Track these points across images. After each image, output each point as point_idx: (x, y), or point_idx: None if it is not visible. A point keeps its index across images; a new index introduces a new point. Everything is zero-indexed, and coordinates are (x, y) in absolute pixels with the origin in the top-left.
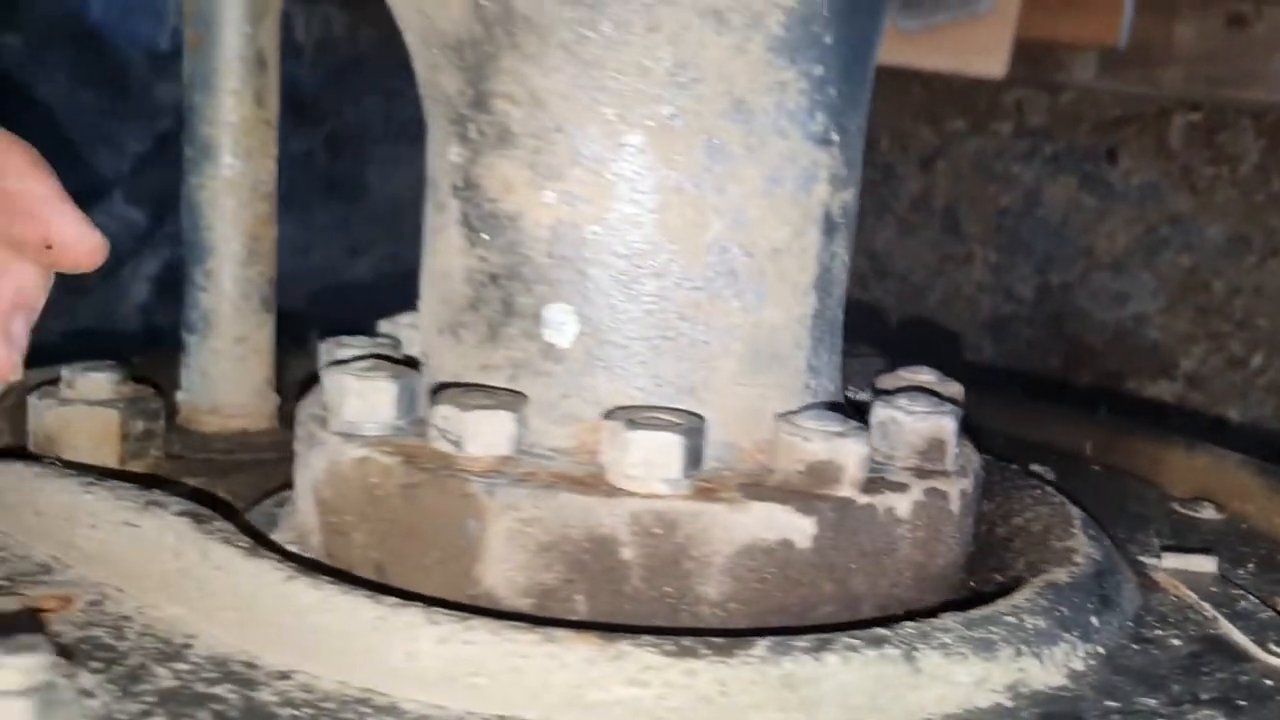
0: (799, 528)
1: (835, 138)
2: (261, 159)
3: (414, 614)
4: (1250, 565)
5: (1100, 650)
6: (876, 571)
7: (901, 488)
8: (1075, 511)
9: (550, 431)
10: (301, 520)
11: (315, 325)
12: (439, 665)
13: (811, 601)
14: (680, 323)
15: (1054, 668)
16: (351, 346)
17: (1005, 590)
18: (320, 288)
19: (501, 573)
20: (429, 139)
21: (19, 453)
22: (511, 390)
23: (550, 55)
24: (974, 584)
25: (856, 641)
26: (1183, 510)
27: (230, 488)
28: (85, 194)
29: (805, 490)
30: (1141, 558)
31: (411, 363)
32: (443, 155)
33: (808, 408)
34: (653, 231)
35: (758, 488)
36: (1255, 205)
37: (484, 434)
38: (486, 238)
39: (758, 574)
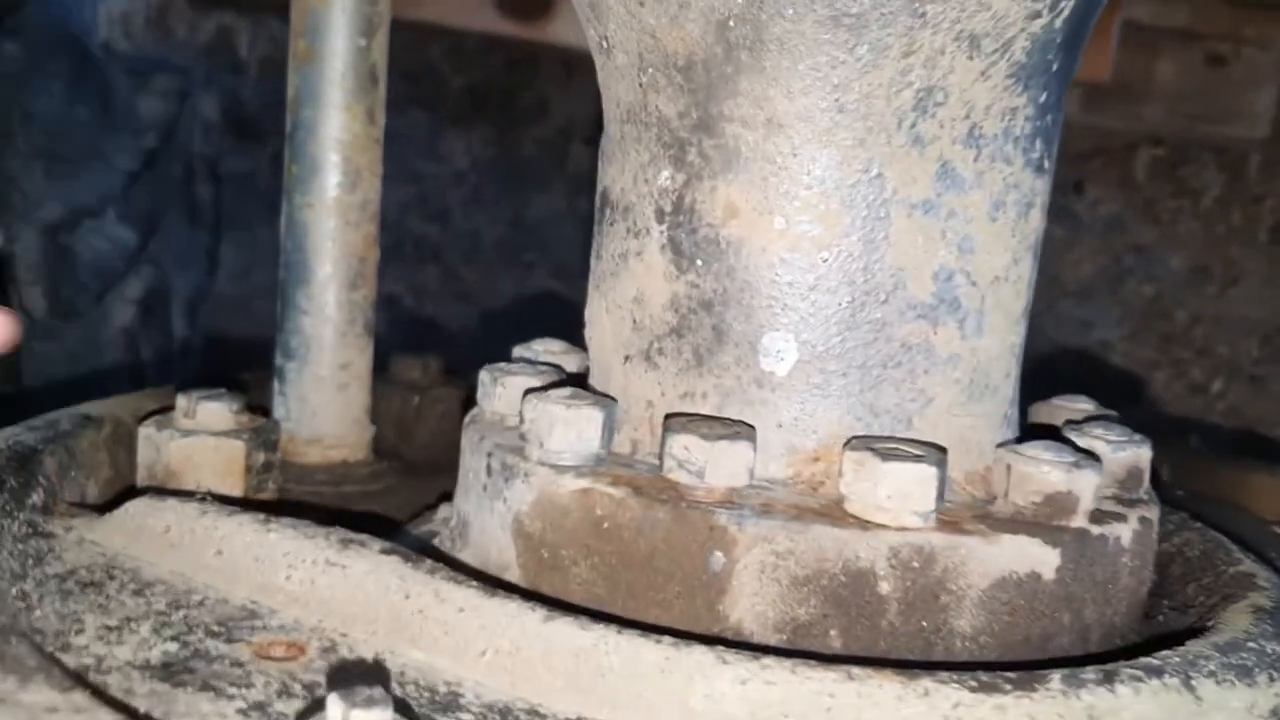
0: (1046, 560)
1: (1048, 165)
2: (370, 178)
3: (702, 654)
4: None
5: None
6: (1103, 601)
7: (1121, 518)
8: (1223, 537)
9: (765, 461)
10: (488, 554)
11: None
12: (744, 708)
13: (1050, 632)
14: (902, 351)
15: None
16: (521, 374)
17: (1200, 616)
18: (265, 311)
19: (751, 607)
20: (618, 163)
21: (130, 488)
22: (733, 420)
23: (798, 79)
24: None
25: (1138, 672)
26: None
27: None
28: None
29: (1044, 522)
30: None
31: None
32: (646, 179)
33: (1022, 439)
34: (882, 258)
35: (999, 520)
36: (1216, 237)
37: (726, 464)
38: (701, 264)
39: (1009, 606)
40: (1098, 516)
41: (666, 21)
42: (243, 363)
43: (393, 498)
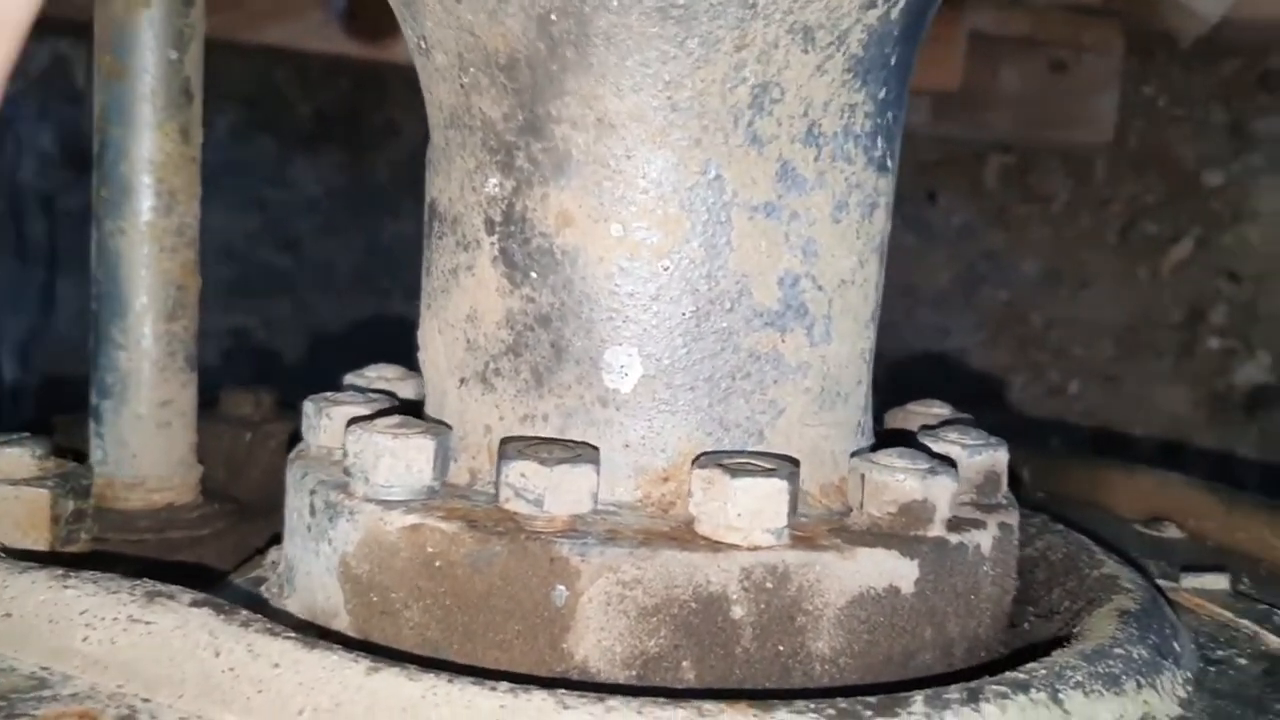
0: (904, 573)
1: (890, 164)
2: (187, 200)
3: (542, 700)
4: (1246, 580)
5: (1190, 675)
6: (966, 612)
7: (980, 524)
8: (1085, 539)
9: (612, 484)
10: (314, 600)
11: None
12: None
13: (913, 649)
14: (751, 361)
15: (1169, 697)
16: (348, 404)
17: (1065, 622)
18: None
19: (597, 642)
20: (444, 171)
21: None
22: (575, 441)
23: (627, 75)
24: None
25: (1003, 688)
26: (1147, 531)
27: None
28: None
29: (901, 533)
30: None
31: (417, 415)
32: (474, 188)
33: (876, 447)
34: (726, 264)
35: (852, 532)
36: (1066, 241)
37: (567, 490)
38: (536, 276)
39: (868, 624)
40: (956, 524)
41: (485, 17)
42: (79, 406)
43: (222, 542)
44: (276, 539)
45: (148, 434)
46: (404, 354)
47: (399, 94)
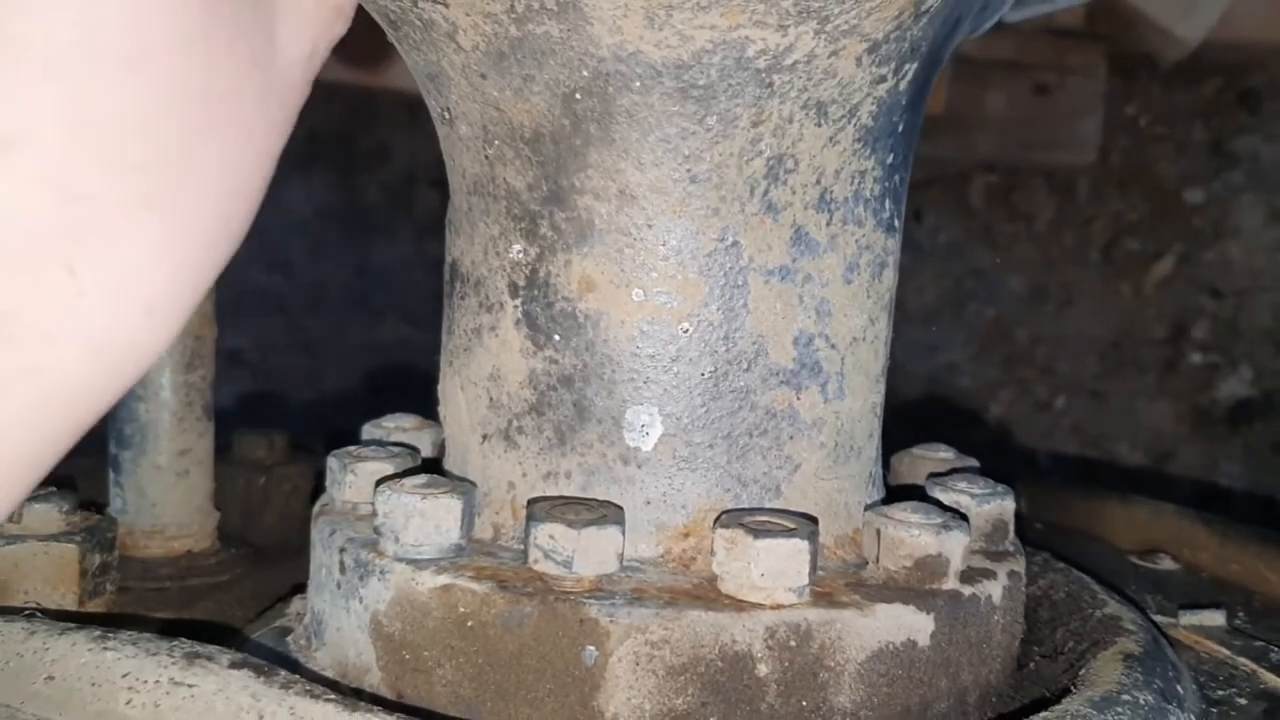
0: (921, 626)
1: (898, 224)
2: None
3: None
4: (1241, 614)
5: (1194, 718)
6: (979, 661)
7: (991, 574)
8: (1087, 578)
9: (634, 540)
10: (345, 655)
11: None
12: None
13: (929, 699)
14: (767, 419)
15: None
16: (372, 459)
17: (1070, 663)
18: None
19: (627, 700)
20: (466, 234)
21: None
22: (600, 501)
23: (649, 150)
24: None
25: None
26: (1143, 563)
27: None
28: None
29: (916, 586)
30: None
31: (440, 471)
32: (497, 252)
33: (888, 499)
34: (742, 326)
35: (869, 587)
36: (1051, 259)
37: (594, 552)
38: (559, 339)
39: (887, 677)
40: (968, 576)
41: (511, 94)
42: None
43: (240, 588)
44: (297, 588)
45: (167, 483)
46: (405, 374)
47: (391, 117)
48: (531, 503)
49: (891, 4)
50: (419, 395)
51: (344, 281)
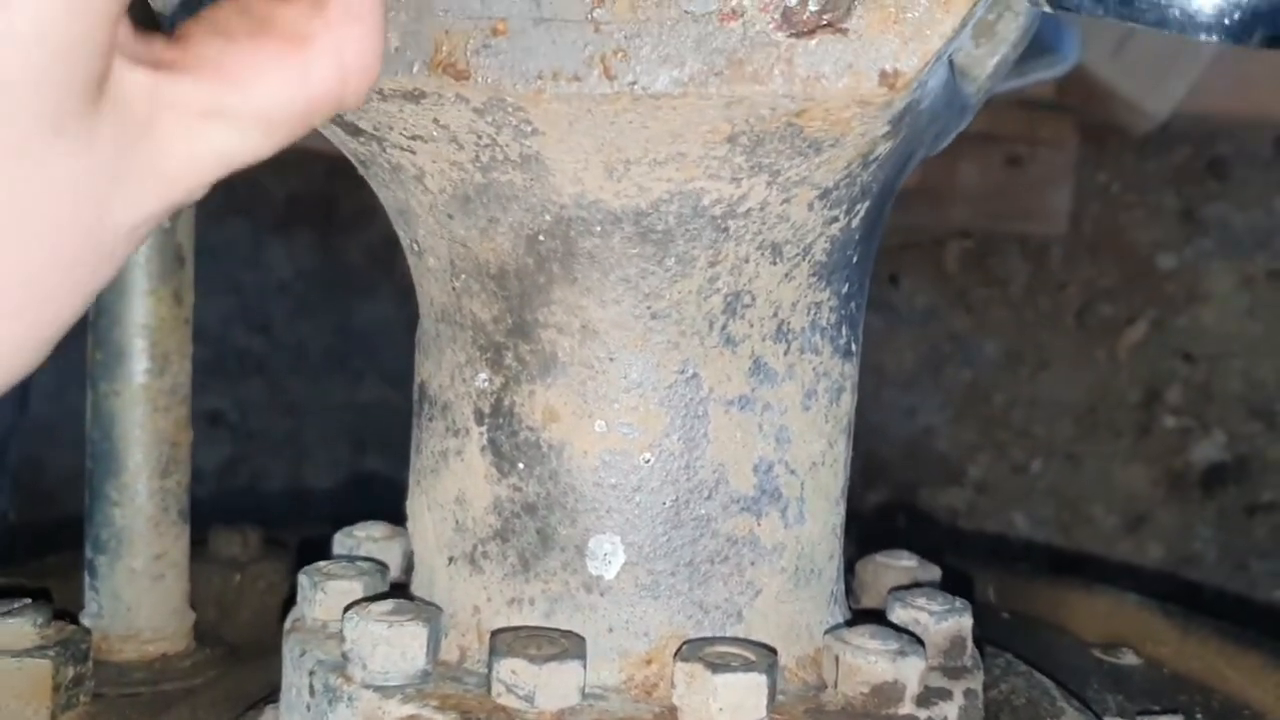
0: None
1: (855, 349)
2: (180, 360)
3: None
4: (1199, 716)
5: None
6: None
7: (947, 694)
8: (1048, 682)
9: (596, 667)
10: None
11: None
12: None
13: None
14: (729, 545)
15: None
16: (341, 577)
17: None
18: (81, 436)
19: None
20: (434, 358)
21: None
22: (562, 632)
23: (610, 288)
24: None
25: None
26: (1106, 658)
27: None
28: None
29: (873, 712)
30: None
31: (405, 592)
32: (464, 379)
33: (850, 622)
34: (703, 455)
35: (828, 713)
36: (1026, 323)
37: (556, 686)
38: (523, 467)
39: None
40: (924, 698)
41: (477, 234)
42: (59, 492)
43: (215, 690)
44: (269, 695)
45: (142, 587)
46: (380, 434)
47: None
48: (495, 634)
49: (840, 157)
50: (396, 452)
51: (325, 343)
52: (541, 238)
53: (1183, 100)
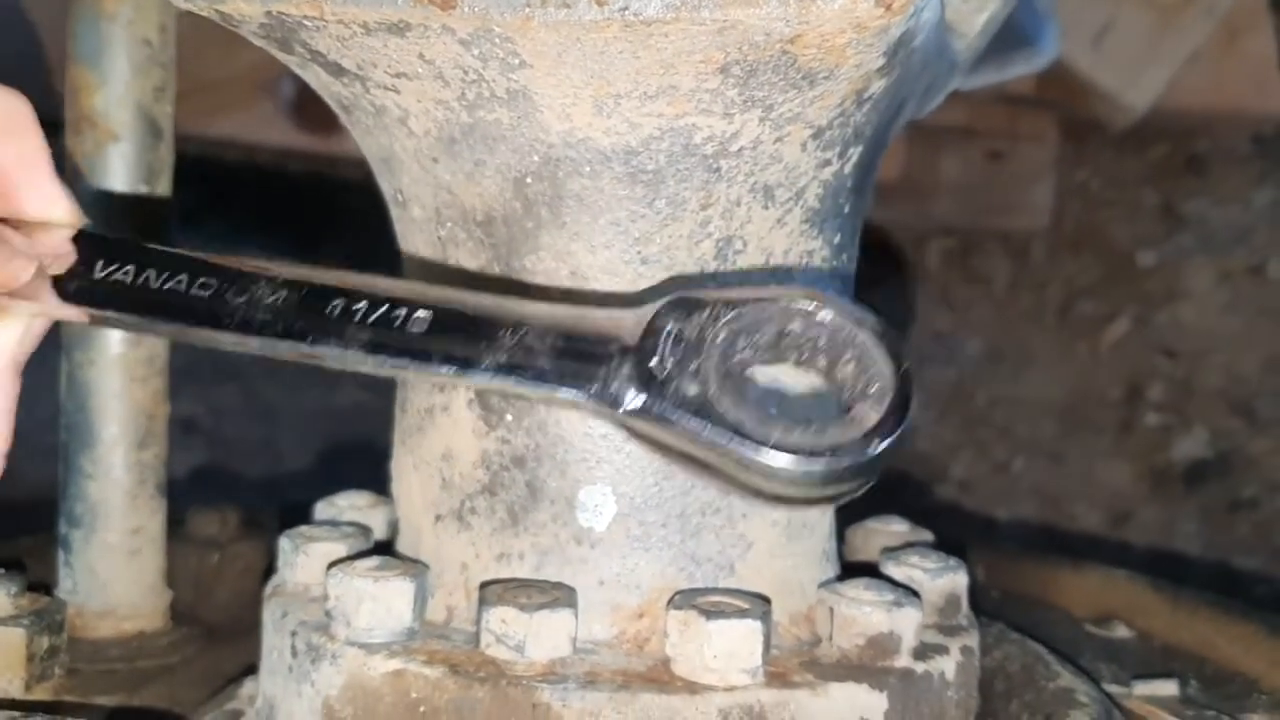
0: (874, 705)
1: None
2: None
3: None
4: (1193, 682)
5: None
6: None
7: (944, 649)
8: (1041, 648)
9: (588, 621)
10: None
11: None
12: None
13: None
14: (720, 497)
15: None
16: (324, 540)
17: None
18: (53, 448)
19: None
20: None
21: None
22: (552, 583)
23: (599, 233)
24: None
25: None
26: (1097, 632)
27: (145, 704)
28: None
29: (869, 664)
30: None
31: (390, 553)
32: None
33: (843, 576)
34: None
35: (823, 666)
36: (1008, 321)
37: (547, 635)
38: (511, 419)
39: None
40: (921, 652)
41: (463, 178)
42: (28, 509)
43: (192, 669)
44: (250, 669)
45: (118, 562)
46: (357, 440)
47: (348, 181)
48: (484, 586)
49: (834, 93)
50: (375, 461)
51: None
52: (529, 180)
53: (1161, 96)
